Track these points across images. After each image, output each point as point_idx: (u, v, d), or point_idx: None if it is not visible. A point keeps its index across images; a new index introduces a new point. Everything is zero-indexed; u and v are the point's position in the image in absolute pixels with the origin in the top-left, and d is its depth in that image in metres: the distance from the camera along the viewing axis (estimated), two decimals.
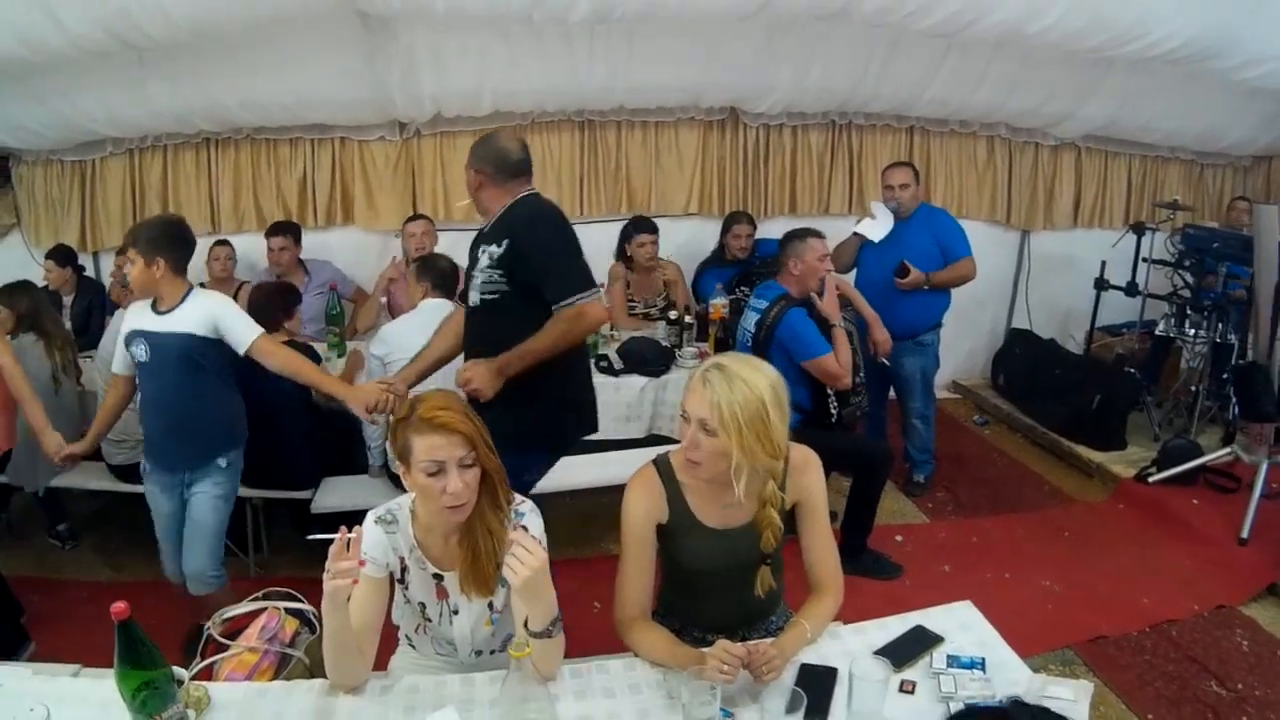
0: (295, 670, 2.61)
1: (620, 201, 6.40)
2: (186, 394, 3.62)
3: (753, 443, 2.19)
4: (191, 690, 2.27)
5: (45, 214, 6.52)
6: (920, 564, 4.44)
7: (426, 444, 2.15)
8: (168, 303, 3.58)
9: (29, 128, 6.00)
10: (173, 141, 6.30)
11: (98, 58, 4.95)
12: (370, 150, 6.24)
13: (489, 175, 3.28)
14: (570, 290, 3.09)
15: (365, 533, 2.33)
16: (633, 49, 5.43)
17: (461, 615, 2.42)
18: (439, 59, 5.45)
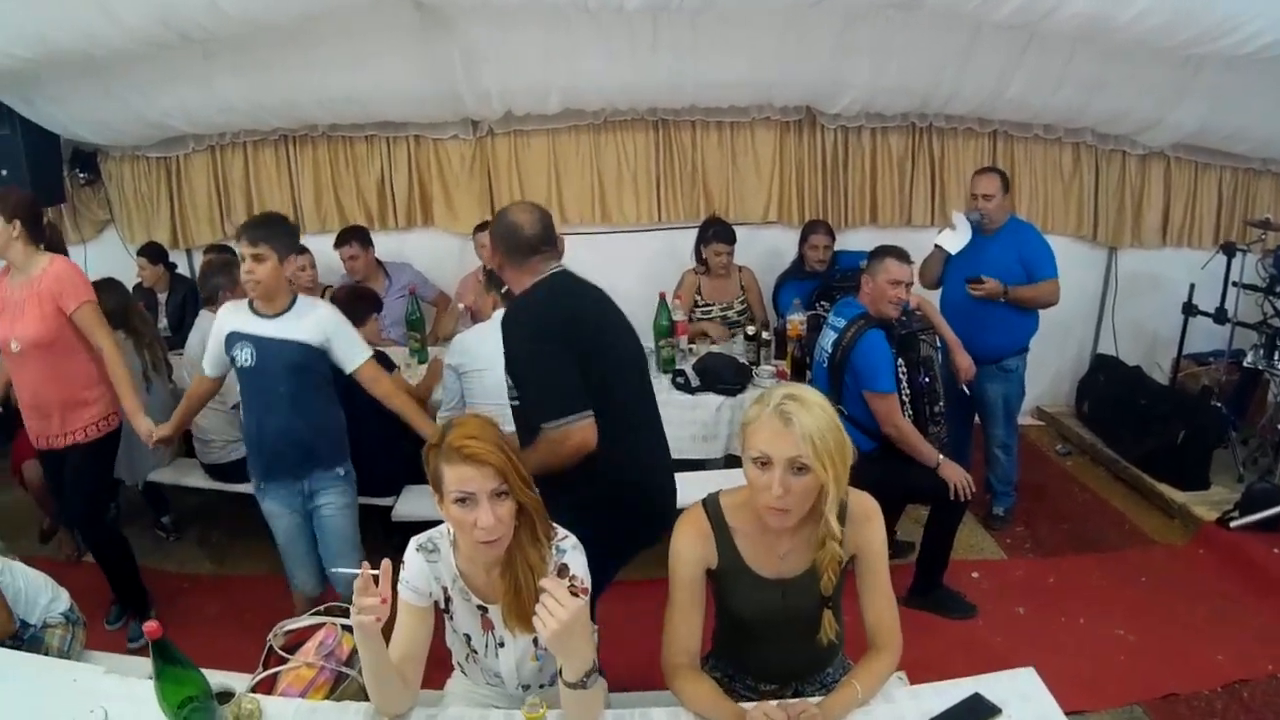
0: (350, 689, 2.63)
1: (698, 207, 6.36)
2: (298, 403, 3.63)
3: (842, 471, 2.12)
4: (244, 702, 2.34)
5: (136, 210, 6.76)
6: (994, 604, 4.34)
7: (456, 474, 2.12)
8: (275, 306, 3.58)
9: (110, 125, 6.23)
10: (252, 139, 6.49)
11: (162, 51, 5.08)
12: (445, 149, 6.35)
13: (505, 255, 3.08)
14: (550, 413, 2.87)
15: (407, 561, 2.36)
16: (697, 40, 5.31)
17: (507, 649, 2.40)
18: (501, 53, 5.42)
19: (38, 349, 3.94)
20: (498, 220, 3.14)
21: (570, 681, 2.05)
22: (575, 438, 2.84)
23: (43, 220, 4.09)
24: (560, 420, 2.83)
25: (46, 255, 3.98)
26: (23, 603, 3.28)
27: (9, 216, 3.83)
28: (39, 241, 4.00)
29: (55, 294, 3.89)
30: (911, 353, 4.15)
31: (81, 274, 4.03)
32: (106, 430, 4.14)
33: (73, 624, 3.42)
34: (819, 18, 5.06)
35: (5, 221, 3.83)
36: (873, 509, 2.33)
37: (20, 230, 3.87)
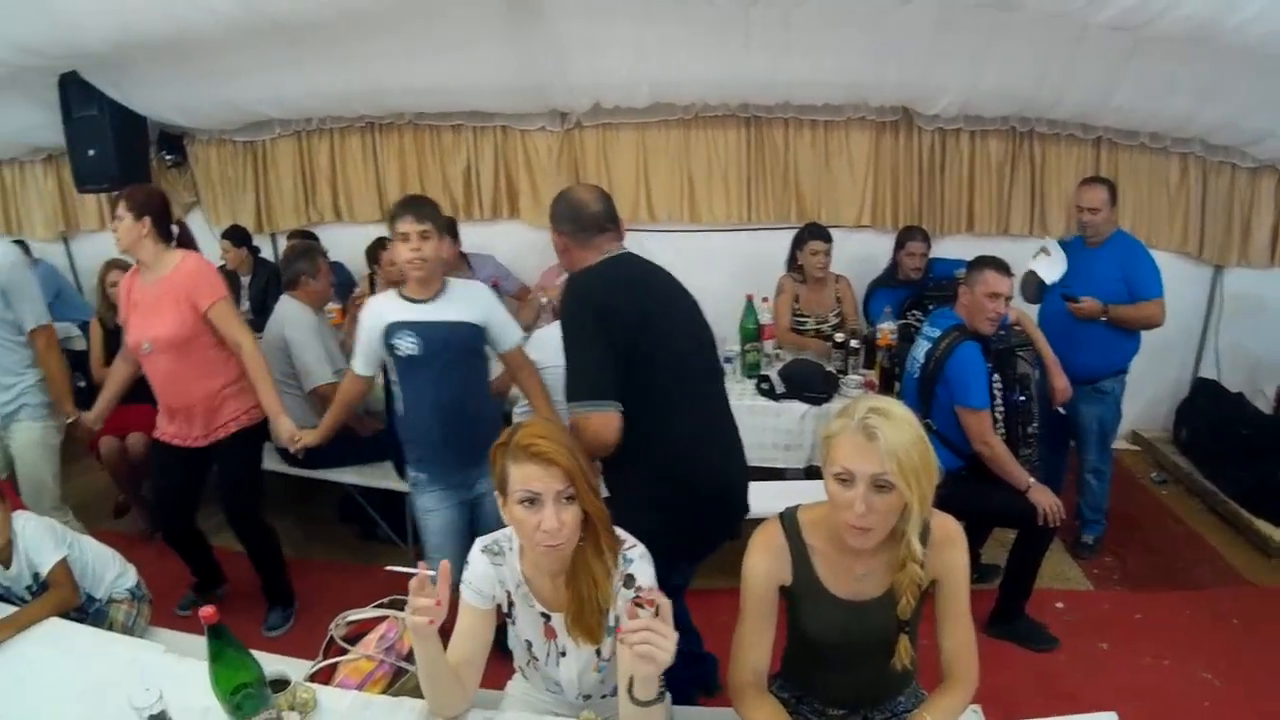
0: (408, 684, 2.69)
1: (789, 209, 6.44)
2: (468, 387, 3.67)
3: (927, 489, 2.09)
4: (300, 691, 2.45)
5: (222, 193, 7.12)
6: (1077, 637, 4.28)
7: (523, 473, 2.14)
8: (430, 290, 3.64)
9: (197, 108, 6.61)
10: (338, 125, 6.79)
11: (250, 38, 5.35)
12: (532, 141, 6.55)
13: (569, 234, 3.14)
14: (574, 395, 2.94)
15: (472, 562, 2.40)
16: (790, 36, 5.30)
17: (569, 658, 2.42)
18: (590, 44, 5.52)
19: (173, 349, 4.01)
20: (559, 200, 3.20)
21: (641, 700, 2.04)
22: (591, 426, 2.87)
23: (171, 217, 4.18)
24: (580, 405, 2.89)
25: (178, 252, 4.08)
26: (89, 577, 3.48)
27: (138, 214, 3.92)
28: (169, 239, 4.09)
29: (189, 291, 3.97)
30: (1008, 369, 4.15)
31: (214, 270, 4.15)
32: (250, 422, 4.24)
33: (138, 600, 3.63)
34: (914, 16, 5.07)
35: (134, 219, 3.92)
36: (956, 532, 2.30)
37: (149, 228, 3.96)
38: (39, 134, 7.10)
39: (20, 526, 3.39)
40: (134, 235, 3.94)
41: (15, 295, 4.25)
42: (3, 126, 7.13)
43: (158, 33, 5.20)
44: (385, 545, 5.41)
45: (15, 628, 3.03)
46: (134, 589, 3.63)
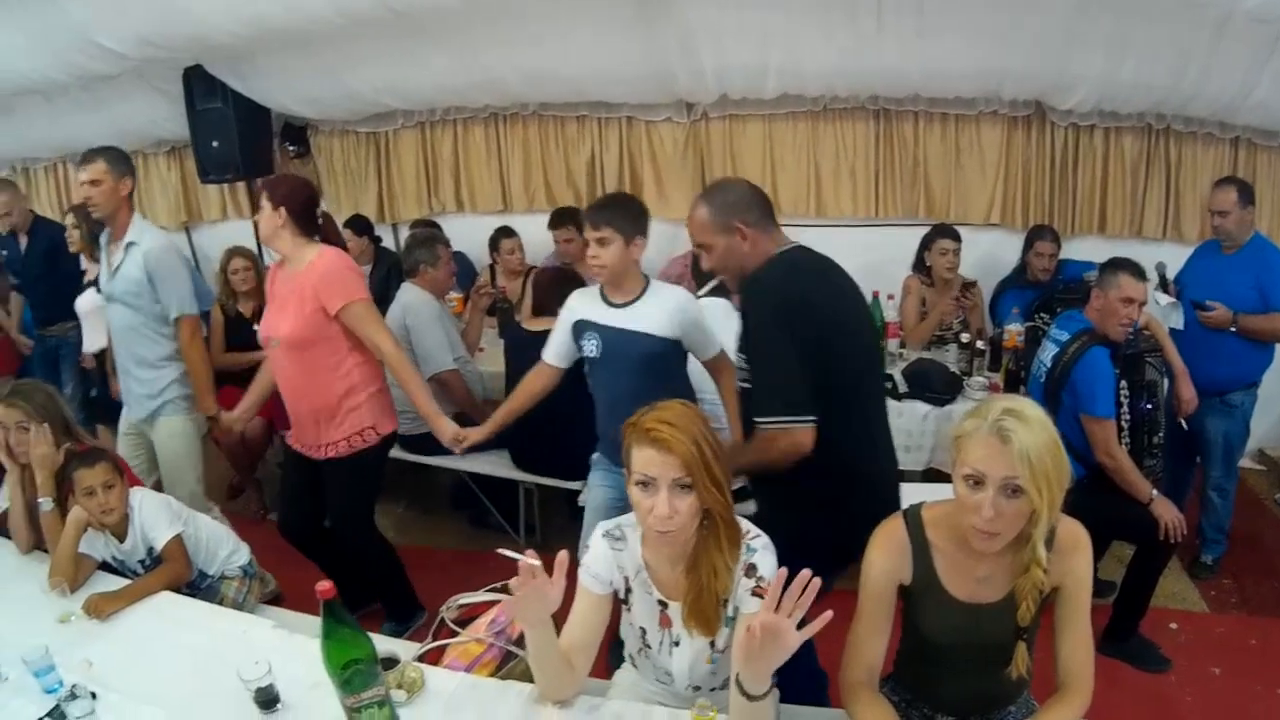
0: (516, 669, 2.82)
1: (917, 204, 6.58)
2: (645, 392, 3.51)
3: (1058, 495, 2.11)
4: (408, 671, 2.64)
5: (345, 184, 7.66)
6: (1190, 660, 4.29)
7: (641, 456, 2.25)
8: (626, 293, 3.76)
9: (321, 100, 7.14)
10: (461, 116, 7.25)
11: (376, 29, 5.77)
12: (658, 131, 6.89)
13: (755, 223, 3.06)
14: (766, 410, 2.92)
15: (592, 546, 2.55)
16: (923, 23, 5.35)
17: (682, 648, 2.52)
18: (718, 33, 5.67)
19: (293, 349, 4.06)
20: (727, 191, 3.14)
21: (752, 695, 2.09)
22: (785, 441, 2.87)
23: (316, 211, 4.23)
24: (775, 420, 2.88)
25: (316, 248, 4.08)
26: (203, 553, 3.77)
27: (275, 203, 3.98)
28: (310, 233, 4.12)
29: (318, 291, 3.96)
30: (1135, 375, 4.20)
31: (352, 269, 4.13)
32: (361, 446, 4.21)
33: (249, 578, 3.92)
34: (1051, 3, 5.11)
35: (272, 209, 3.99)
36: (1082, 539, 2.31)
37: (286, 218, 4.00)
38: (163, 126, 7.73)
39: (137, 502, 3.66)
40: (271, 226, 4.03)
41: (162, 282, 4.51)
42: (129, 119, 7.72)
43: (282, 25, 5.67)
44: (496, 533, 5.70)
45: (129, 599, 3.33)
46: (246, 567, 3.94)
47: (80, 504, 3.51)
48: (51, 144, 8.77)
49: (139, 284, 4.53)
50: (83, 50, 6.35)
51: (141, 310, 4.60)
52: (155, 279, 4.51)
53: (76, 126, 7.98)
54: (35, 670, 2.83)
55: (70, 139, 8.41)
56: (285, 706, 2.62)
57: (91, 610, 3.24)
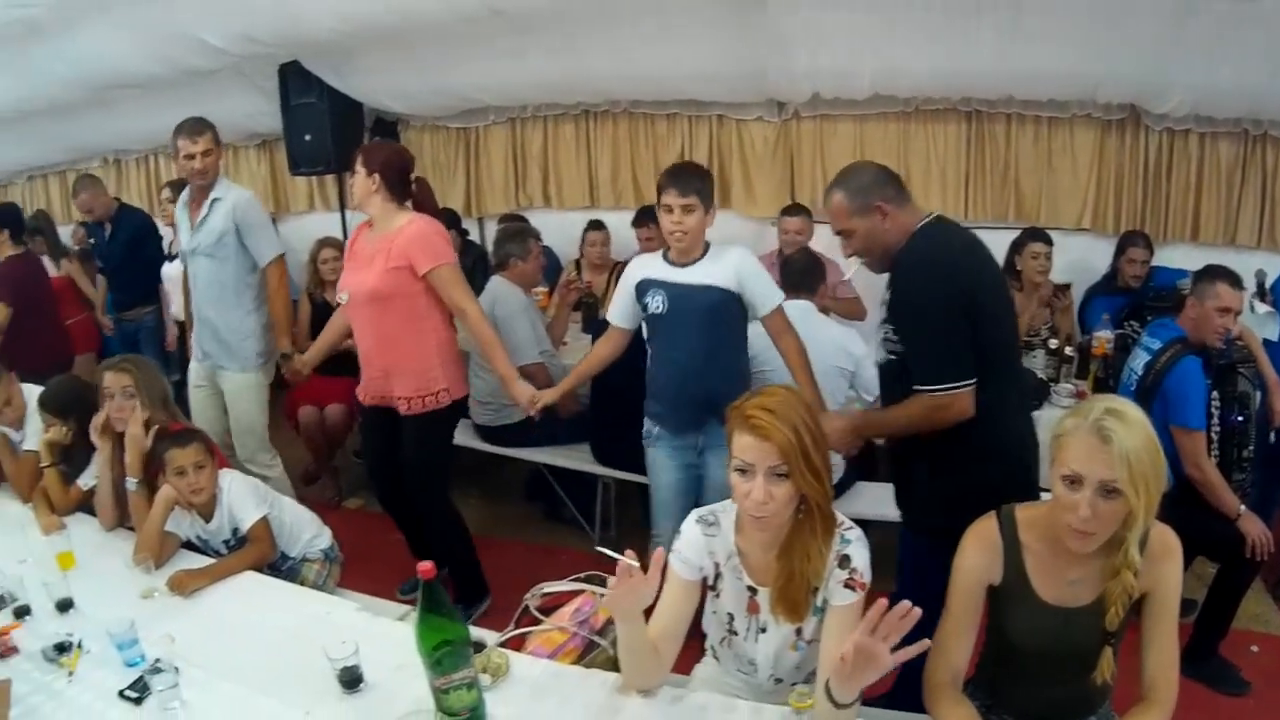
0: (598, 658, 2.89)
1: (1007, 207, 6.61)
2: (709, 351, 3.95)
3: (1155, 497, 2.13)
4: (494, 656, 2.71)
5: (433, 177, 7.86)
6: (1268, 685, 4.22)
7: (741, 442, 2.31)
8: (689, 255, 3.98)
9: (414, 95, 7.45)
10: (552, 112, 7.48)
11: (474, 26, 6.00)
12: (748, 130, 7.03)
13: (893, 199, 3.15)
14: (937, 376, 3.01)
15: (684, 531, 2.61)
16: (1020, 23, 5.38)
17: (768, 635, 2.57)
18: (812, 33, 5.79)
19: (374, 303, 4.34)
20: (861, 174, 3.22)
21: (840, 702, 2.12)
22: (956, 406, 2.98)
23: (409, 178, 4.50)
24: (944, 386, 2.98)
25: (407, 214, 4.38)
26: (285, 535, 3.93)
27: (370, 169, 4.28)
28: (402, 199, 4.41)
29: (407, 253, 4.25)
30: (1227, 386, 4.20)
31: (442, 235, 4.40)
32: (436, 405, 4.46)
33: (330, 561, 4.08)
34: (1149, 7, 5.12)
35: (367, 174, 4.29)
36: (1174, 546, 2.32)
37: (380, 184, 4.30)
38: (257, 120, 8.12)
39: (226, 484, 3.82)
40: (365, 190, 4.32)
41: (250, 231, 4.99)
42: (223, 113, 7.83)
43: (384, 23, 5.93)
44: (570, 528, 5.91)
45: (213, 577, 3.49)
46: (327, 550, 4.10)
47: (170, 483, 3.69)
48: (145, 136, 9.19)
49: (224, 234, 4.97)
50: (185, 46, 6.71)
51: (224, 260, 5.04)
52: (243, 229, 4.97)
53: (171, 119, 8.20)
54: (119, 643, 2.96)
55: (164, 132, 8.68)
56: (368, 686, 2.74)
57: (175, 587, 3.40)
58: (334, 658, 2.69)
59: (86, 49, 7.07)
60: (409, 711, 2.49)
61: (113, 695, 2.82)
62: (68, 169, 10.40)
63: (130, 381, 3.93)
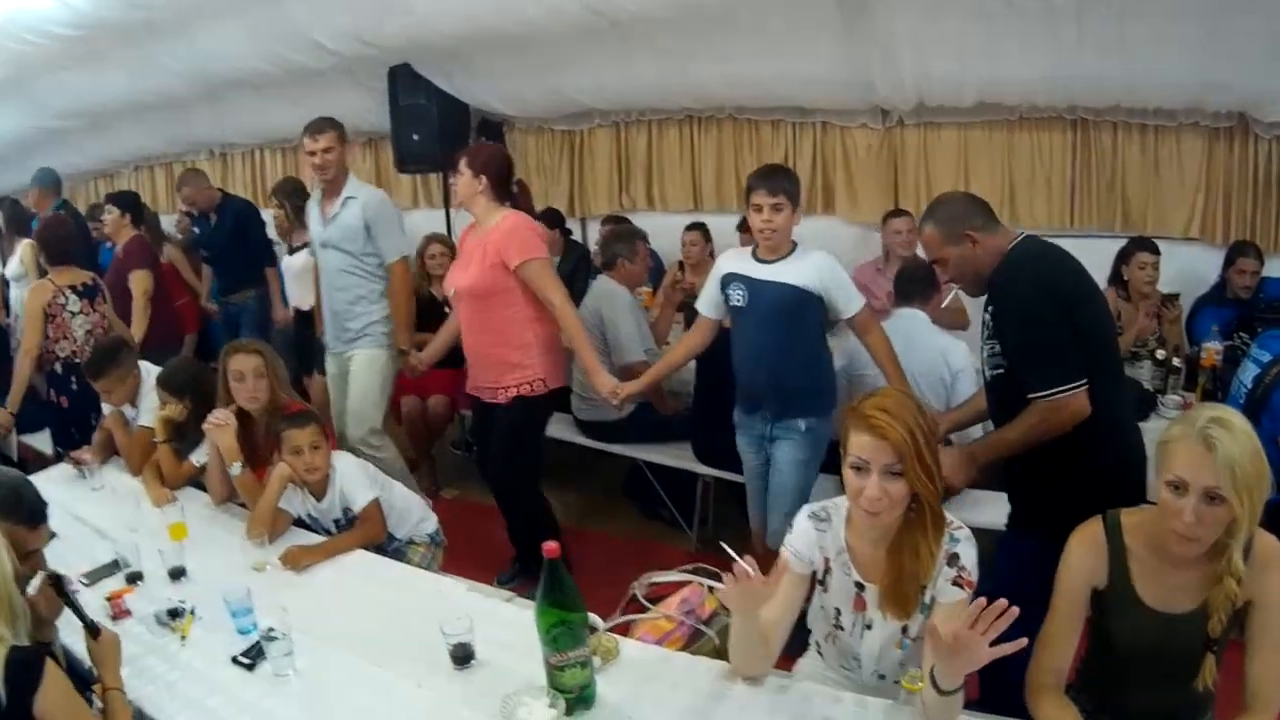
0: (704, 648, 3.01)
1: (1114, 216, 6.62)
2: (781, 346, 4.20)
3: (1258, 505, 2.18)
4: (604, 639, 2.81)
5: (537, 178, 8.25)
6: None
7: (857, 440, 2.40)
8: (777, 253, 4.22)
9: (523, 98, 7.79)
10: (657, 116, 7.74)
11: (584, 33, 6.27)
12: (852, 137, 7.22)
13: (981, 227, 3.32)
14: (1050, 380, 3.11)
15: (796, 525, 2.71)
16: (1125, 31, 5.40)
17: (874, 631, 2.65)
18: (919, 42, 5.91)
19: (473, 298, 4.74)
20: (944, 205, 3.47)
21: (946, 690, 2.21)
22: (1071, 406, 3.09)
23: (511, 179, 4.89)
24: (1058, 389, 3.09)
25: (504, 211, 4.74)
26: (394, 518, 4.13)
27: (476, 171, 4.66)
28: (503, 199, 4.77)
29: (500, 248, 4.60)
30: None
31: (533, 231, 4.74)
32: (530, 393, 4.79)
33: (435, 545, 4.33)
34: (1258, 13, 5.09)
35: (472, 175, 4.66)
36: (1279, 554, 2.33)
37: (485, 185, 4.67)
38: (364, 119, 8.48)
39: (340, 465, 4.05)
40: (470, 190, 4.69)
41: (379, 230, 5.33)
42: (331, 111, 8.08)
43: (499, 29, 6.25)
44: (667, 526, 6.08)
45: (325, 554, 3.72)
46: (433, 535, 4.34)
47: (286, 461, 3.93)
48: (252, 131, 9.76)
49: (355, 231, 5.33)
50: (299, 47, 7.19)
51: (353, 254, 5.39)
52: (373, 227, 5.32)
53: (280, 116, 8.83)
54: (234, 610, 3.16)
55: (272, 128, 9.35)
56: (478, 663, 2.88)
57: (288, 561, 3.64)
58: (448, 633, 2.85)
59: (202, 47, 7.53)
60: (519, 688, 2.63)
61: (224, 661, 3.04)
62: (174, 160, 11.02)
63: (261, 363, 4.24)
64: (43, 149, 10.65)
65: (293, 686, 2.90)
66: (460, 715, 2.69)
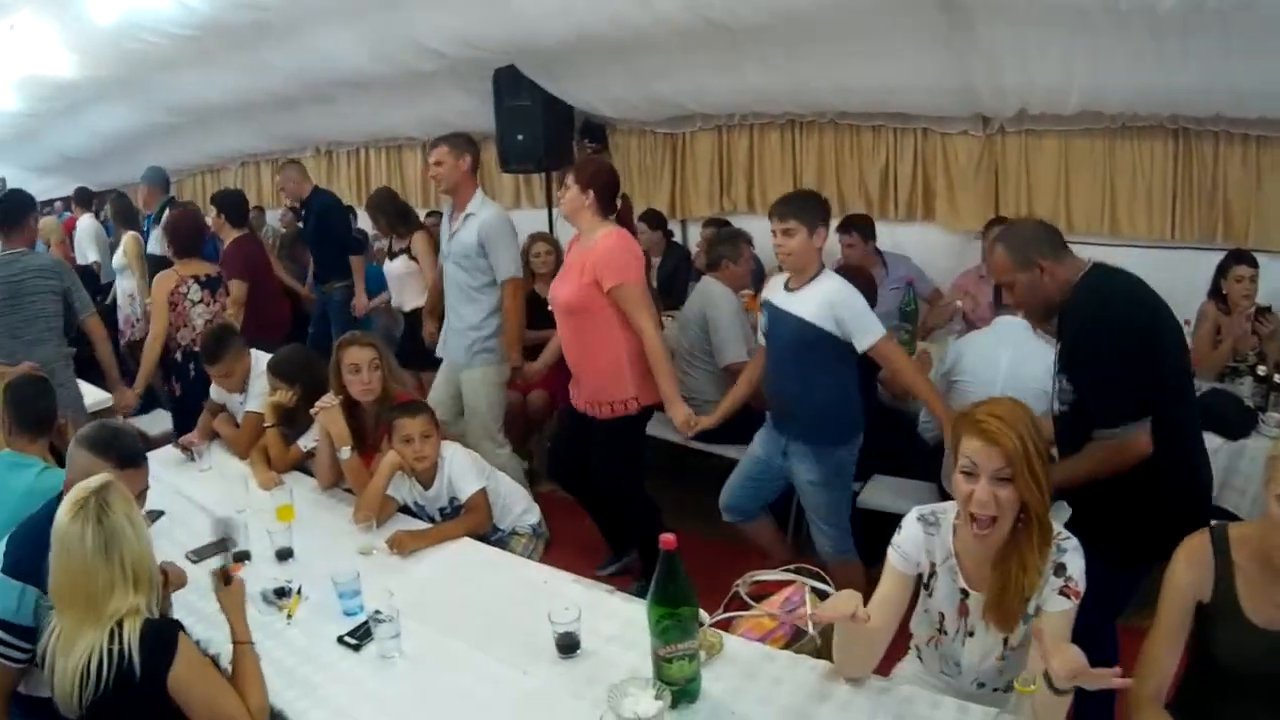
0: (805, 647, 3.04)
1: (1215, 228, 6.57)
2: (791, 374, 4.50)
3: None
4: (709, 635, 2.90)
5: (639, 180, 8.61)
6: None
7: (969, 445, 2.48)
8: (801, 276, 4.42)
9: (626, 101, 8.12)
10: (759, 121, 7.99)
11: (690, 38, 6.51)
12: (953, 144, 7.31)
13: (1050, 255, 3.40)
14: (1115, 417, 3.18)
15: (904, 527, 2.78)
16: (1230, 41, 5.35)
17: (975, 639, 2.70)
18: (1022, 51, 5.97)
19: (570, 314, 4.92)
20: (1017, 231, 3.58)
21: (1060, 689, 2.22)
22: (1133, 445, 3.15)
23: (617, 195, 5.09)
24: (1124, 427, 3.15)
25: (607, 226, 4.89)
26: (499, 508, 4.31)
27: (584, 186, 4.82)
28: (608, 213, 4.96)
29: (596, 266, 4.73)
30: None
31: (631, 252, 4.88)
32: (623, 413, 4.94)
33: (537, 537, 4.49)
34: None
35: (580, 190, 4.82)
36: None
37: (592, 200, 4.83)
38: (466, 119, 8.81)
39: (449, 454, 4.22)
40: (576, 204, 4.86)
41: (493, 247, 5.61)
42: (436, 111, 9.10)
43: (604, 32, 6.58)
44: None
45: (432, 540, 3.87)
46: (535, 526, 4.51)
47: (396, 449, 4.12)
48: (360, 131, 10.29)
49: (472, 248, 5.64)
50: (408, 49, 7.62)
51: (470, 270, 5.71)
52: (488, 245, 5.61)
53: (386, 116, 9.34)
54: (342, 592, 3.29)
55: (379, 128, 9.83)
56: (583, 653, 3.00)
57: (396, 546, 3.80)
58: (556, 622, 2.96)
59: (313, 48, 8.04)
60: (625, 679, 2.66)
61: (330, 640, 3.19)
62: (280, 157, 11.47)
63: (375, 355, 4.45)
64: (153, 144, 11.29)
65: (398, 668, 3.07)
66: (565, 703, 2.81)
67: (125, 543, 2.56)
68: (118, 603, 2.53)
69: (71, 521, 2.54)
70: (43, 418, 3.97)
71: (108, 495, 2.61)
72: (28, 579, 2.91)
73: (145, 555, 2.64)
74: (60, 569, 2.56)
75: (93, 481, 2.64)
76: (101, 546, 2.52)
